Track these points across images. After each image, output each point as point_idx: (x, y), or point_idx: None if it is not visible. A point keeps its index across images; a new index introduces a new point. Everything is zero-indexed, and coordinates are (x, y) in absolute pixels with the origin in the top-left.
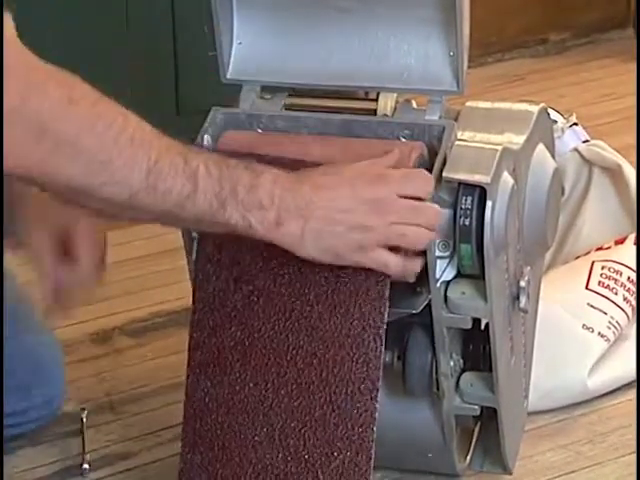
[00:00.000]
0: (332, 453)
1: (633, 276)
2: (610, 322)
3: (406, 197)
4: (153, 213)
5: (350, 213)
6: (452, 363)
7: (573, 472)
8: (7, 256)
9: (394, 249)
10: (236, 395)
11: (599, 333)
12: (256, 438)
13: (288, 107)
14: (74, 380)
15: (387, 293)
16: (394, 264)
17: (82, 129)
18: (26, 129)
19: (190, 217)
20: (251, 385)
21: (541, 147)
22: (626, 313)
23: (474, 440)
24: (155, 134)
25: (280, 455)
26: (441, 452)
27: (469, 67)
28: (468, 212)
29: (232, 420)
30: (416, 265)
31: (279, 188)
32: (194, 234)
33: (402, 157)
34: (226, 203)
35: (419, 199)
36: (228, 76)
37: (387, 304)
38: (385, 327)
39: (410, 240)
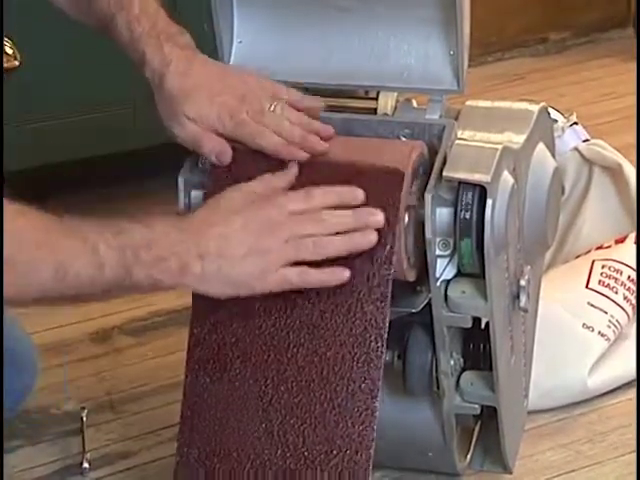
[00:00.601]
0: (331, 451)
1: (633, 275)
2: (610, 321)
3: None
4: (66, 299)
5: (243, 241)
6: (452, 362)
7: (573, 471)
8: None
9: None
10: (235, 391)
11: (599, 332)
12: (255, 434)
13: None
14: (74, 379)
15: (390, 294)
16: (299, 280)
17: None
18: None
19: (99, 291)
20: (251, 382)
21: (541, 146)
22: (626, 312)
23: (474, 439)
24: (49, 223)
25: (279, 451)
26: (441, 451)
27: (469, 66)
28: (468, 211)
29: (231, 416)
30: (333, 274)
31: (173, 236)
32: None
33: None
34: (131, 267)
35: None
36: None
37: (389, 304)
38: (387, 327)
39: (311, 251)
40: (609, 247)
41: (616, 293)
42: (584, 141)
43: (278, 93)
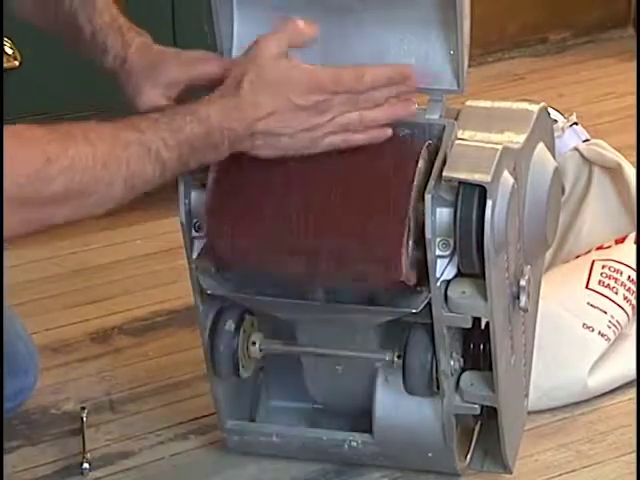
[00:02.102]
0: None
1: (633, 275)
2: (610, 321)
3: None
4: (130, 198)
5: (291, 122)
6: (452, 362)
7: (573, 471)
8: None
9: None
10: (270, 173)
11: (599, 332)
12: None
13: None
14: (74, 379)
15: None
16: (345, 144)
17: (66, 182)
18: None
19: (159, 182)
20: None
21: (541, 146)
22: (626, 312)
23: (474, 439)
24: (113, 136)
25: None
26: (441, 451)
27: (469, 66)
28: (468, 211)
29: (265, 190)
30: (377, 133)
31: (225, 122)
32: (194, 233)
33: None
34: (188, 161)
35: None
36: None
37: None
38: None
39: (356, 124)
40: (609, 247)
41: (616, 293)
42: (584, 141)
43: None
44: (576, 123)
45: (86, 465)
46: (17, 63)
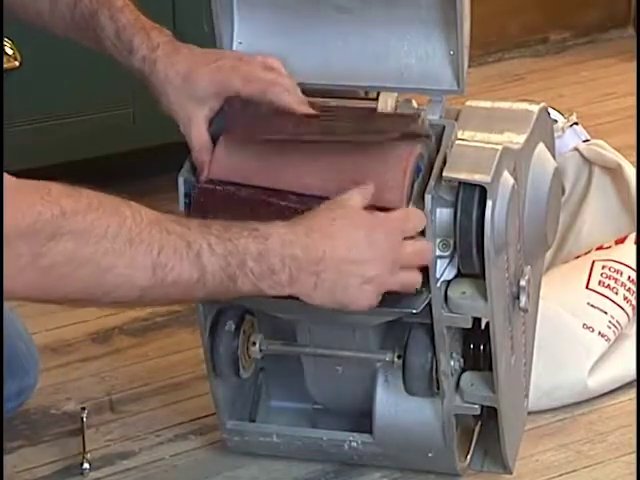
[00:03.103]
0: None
1: (633, 275)
2: (610, 321)
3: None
4: (165, 301)
5: (364, 264)
6: (452, 362)
7: (573, 471)
8: None
9: None
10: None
11: (599, 332)
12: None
13: None
14: (74, 379)
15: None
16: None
17: (76, 245)
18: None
19: (201, 296)
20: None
21: (541, 146)
22: (626, 312)
23: (474, 439)
24: (152, 219)
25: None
26: (441, 451)
27: (469, 66)
28: (468, 212)
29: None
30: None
31: (289, 248)
32: None
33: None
34: (236, 277)
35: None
36: None
37: None
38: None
39: (407, 287)
40: (609, 247)
41: (616, 293)
42: (584, 141)
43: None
44: (576, 123)
45: (86, 465)
46: (17, 63)
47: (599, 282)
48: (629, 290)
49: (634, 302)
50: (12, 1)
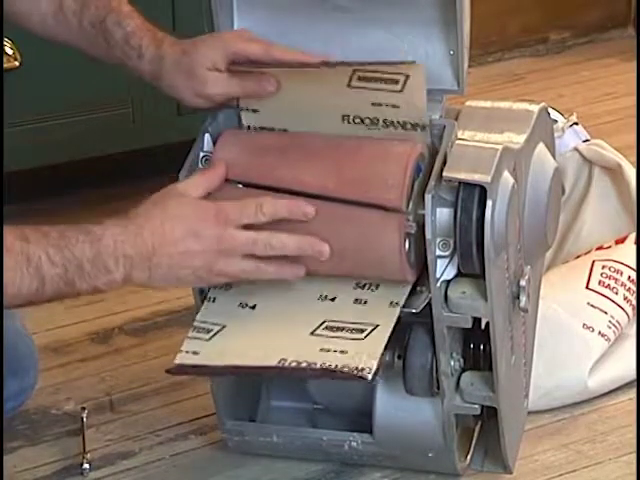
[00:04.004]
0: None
1: (633, 275)
2: (610, 321)
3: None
4: (6, 306)
5: (192, 257)
6: (452, 362)
7: (574, 471)
8: None
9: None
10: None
11: (599, 332)
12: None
13: None
14: (74, 379)
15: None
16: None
17: None
18: None
19: (42, 301)
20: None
21: (541, 146)
22: (626, 312)
23: (474, 439)
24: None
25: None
26: (441, 451)
27: (469, 66)
28: (468, 211)
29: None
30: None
31: (120, 248)
32: None
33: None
34: (74, 282)
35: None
36: None
37: None
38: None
39: (248, 274)
40: (609, 247)
41: (616, 293)
42: (584, 141)
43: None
44: (576, 123)
45: (86, 465)
46: (17, 63)
47: (599, 282)
48: (629, 290)
49: (634, 302)
50: (15, 10)
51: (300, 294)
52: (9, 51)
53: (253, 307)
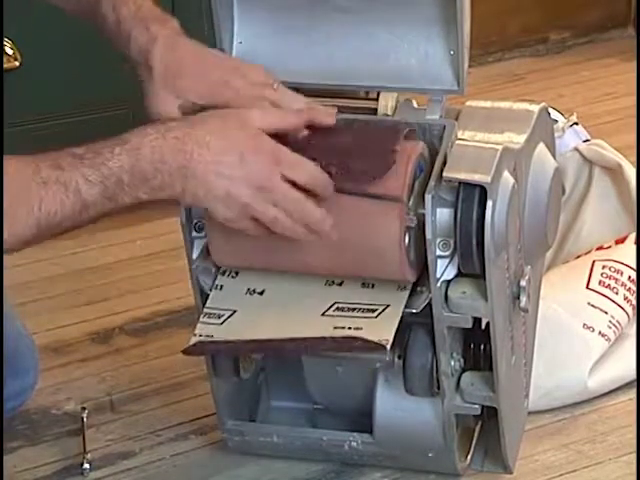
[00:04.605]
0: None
1: (634, 275)
2: (611, 321)
3: (290, 182)
4: (55, 232)
5: (232, 180)
6: (453, 362)
7: (574, 471)
8: None
9: None
10: None
11: (600, 332)
12: None
13: None
14: (75, 379)
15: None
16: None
17: None
18: None
19: (87, 221)
20: None
21: (542, 146)
22: (627, 312)
23: (475, 439)
24: (28, 174)
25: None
26: (442, 451)
27: (469, 66)
28: (469, 212)
29: None
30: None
31: (159, 153)
32: (194, 234)
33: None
34: (116, 196)
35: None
36: None
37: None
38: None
39: (277, 228)
40: (609, 247)
41: (616, 293)
42: (584, 141)
43: (270, 76)
44: (576, 123)
45: (86, 465)
46: (17, 64)
47: (599, 282)
48: (629, 290)
49: (634, 302)
50: None
51: (307, 279)
52: (9, 51)
53: (261, 293)
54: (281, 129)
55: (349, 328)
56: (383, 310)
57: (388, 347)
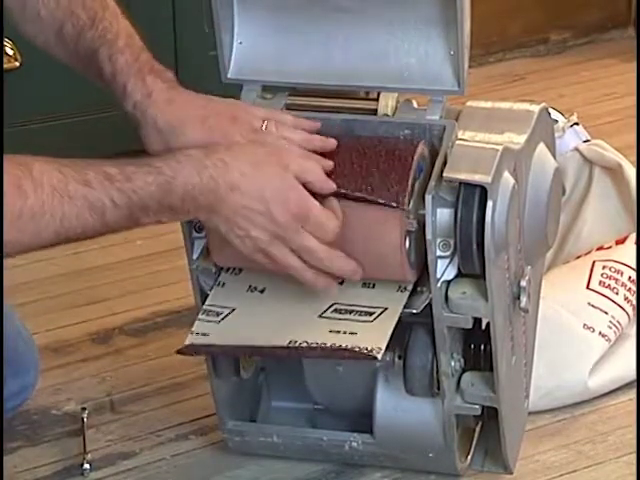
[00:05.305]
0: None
1: (634, 276)
2: (611, 322)
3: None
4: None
5: (254, 225)
6: (453, 363)
7: (574, 472)
8: None
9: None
10: None
11: (600, 333)
12: None
13: (289, 107)
14: (75, 380)
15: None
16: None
17: None
18: None
19: (102, 234)
20: None
21: (542, 147)
22: (627, 313)
23: (475, 440)
24: (54, 186)
25: None
26: (442, 452)
27: (470, 67)
28: (469, 212)
29: None
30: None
31: (191, 192)
32: (194, 234)
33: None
34: (138, 219)
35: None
36: (229, 76)
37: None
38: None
39: (293, 272)
40: (610, 248)
41: (617, 294)
42: (585, 141)
43: (270, 113)
44: (577, 123)
45: (87, 466)
46: (18, 64)
47: (599, 282)
48: (629, 290)
49: (634, 302)
50: (23, 31)
51: None
52: (9, 51)
53: (262, 291)
54: (315, 186)
55: (344, 332)
56: (380, 314)
57: (379, 357)
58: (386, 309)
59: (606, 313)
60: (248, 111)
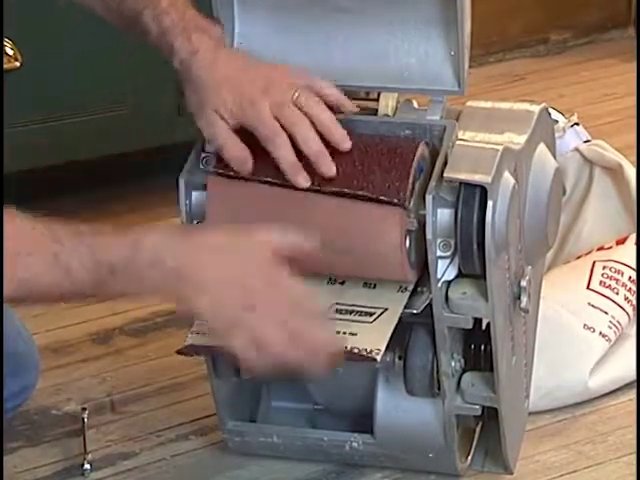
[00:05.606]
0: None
1: (634, 276)
2: (611, 322)
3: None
4: (30, 302)
5: (226, 309)
6: (453, 363)
7: (574, 472)
8: None
9: None
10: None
11: (600, 333)
12: None
13: None
14: (75, 380)
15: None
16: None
17: None
18: None
19: (67, 299)
20: None
21: (542, 147)
22: (627, 313)
23: (475, 440)
24: (35, 234)
25: None
26: (442, 452)
27: (470, 67)
28: (469, 212)
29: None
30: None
31: (155, 286)
32: None
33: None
34: (105, 287)
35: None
36: None
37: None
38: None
39: (273, 345)
40: (610, 248)
41: (617, 294)
42: (585, 142)
43: (310, 81)
44: (577, 123)
45: (87, 466)
46: (18, 64)
47: (600, 282)
48: (630, 290)
49: (635, 302)
50: None
51: (310, 278)
52: (9, 51)
53: None
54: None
55: (344, 333)
56: (380, 315)
57: (378, 358)
58: (386, 309)
59: (606, 313)
60: (284, 79)
